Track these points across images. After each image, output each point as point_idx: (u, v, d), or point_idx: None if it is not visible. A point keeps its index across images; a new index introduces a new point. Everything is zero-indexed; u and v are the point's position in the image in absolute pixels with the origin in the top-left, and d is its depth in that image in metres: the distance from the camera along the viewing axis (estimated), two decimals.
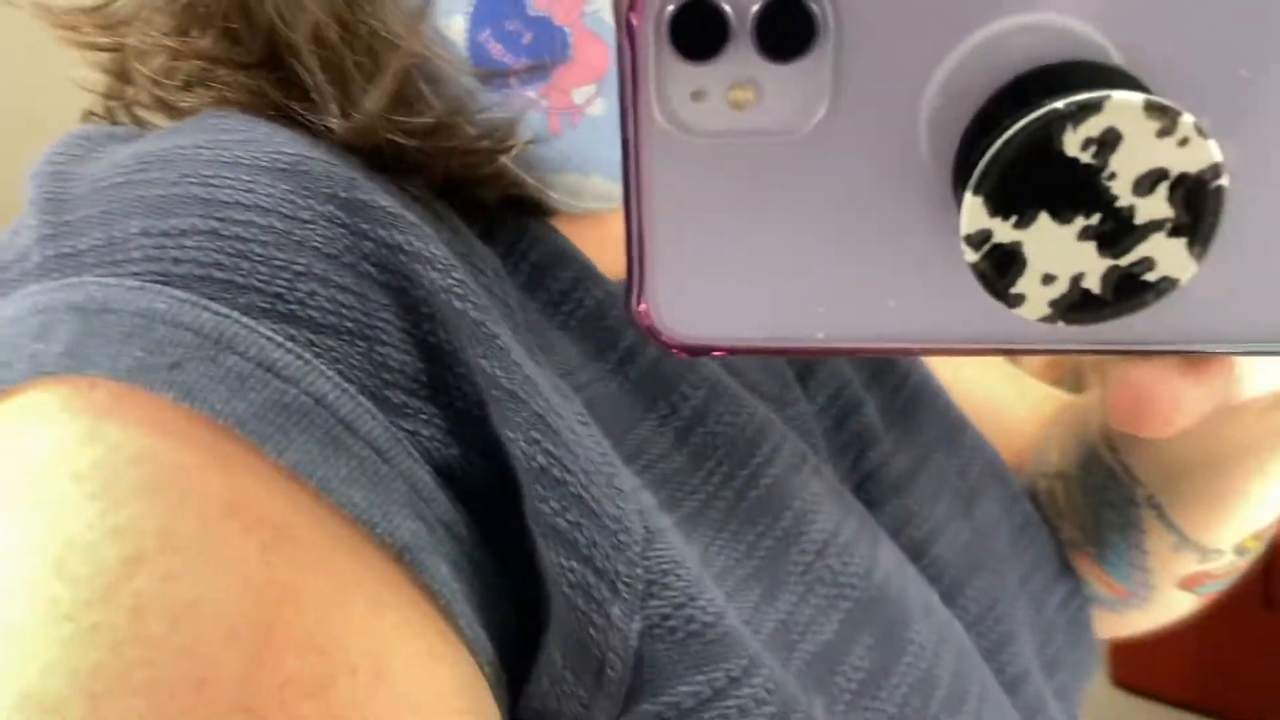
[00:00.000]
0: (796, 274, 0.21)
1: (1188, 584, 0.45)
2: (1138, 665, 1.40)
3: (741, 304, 0.21)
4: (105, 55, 0.34)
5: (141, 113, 0.34)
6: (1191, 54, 0.19)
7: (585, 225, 0.36)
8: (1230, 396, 0.26)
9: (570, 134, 0.34)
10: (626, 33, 0.19)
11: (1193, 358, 0.23)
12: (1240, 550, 0.43)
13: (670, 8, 0.19)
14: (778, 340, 0.22)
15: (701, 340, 0.22)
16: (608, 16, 0.33)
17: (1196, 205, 0.18)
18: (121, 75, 0.34)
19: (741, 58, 0.19)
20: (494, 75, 0.32)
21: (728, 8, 0.19)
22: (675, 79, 0.19)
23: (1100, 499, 0.45)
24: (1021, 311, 0.19)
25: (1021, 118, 0.18)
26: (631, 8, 0.19)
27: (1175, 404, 0.23)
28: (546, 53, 0.33)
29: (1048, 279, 0.19)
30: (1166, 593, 0.45)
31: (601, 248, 0.35)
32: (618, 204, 0.28)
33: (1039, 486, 0.48)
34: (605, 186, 0.35)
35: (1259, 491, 0.39)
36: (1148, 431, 0.24)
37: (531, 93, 0.33)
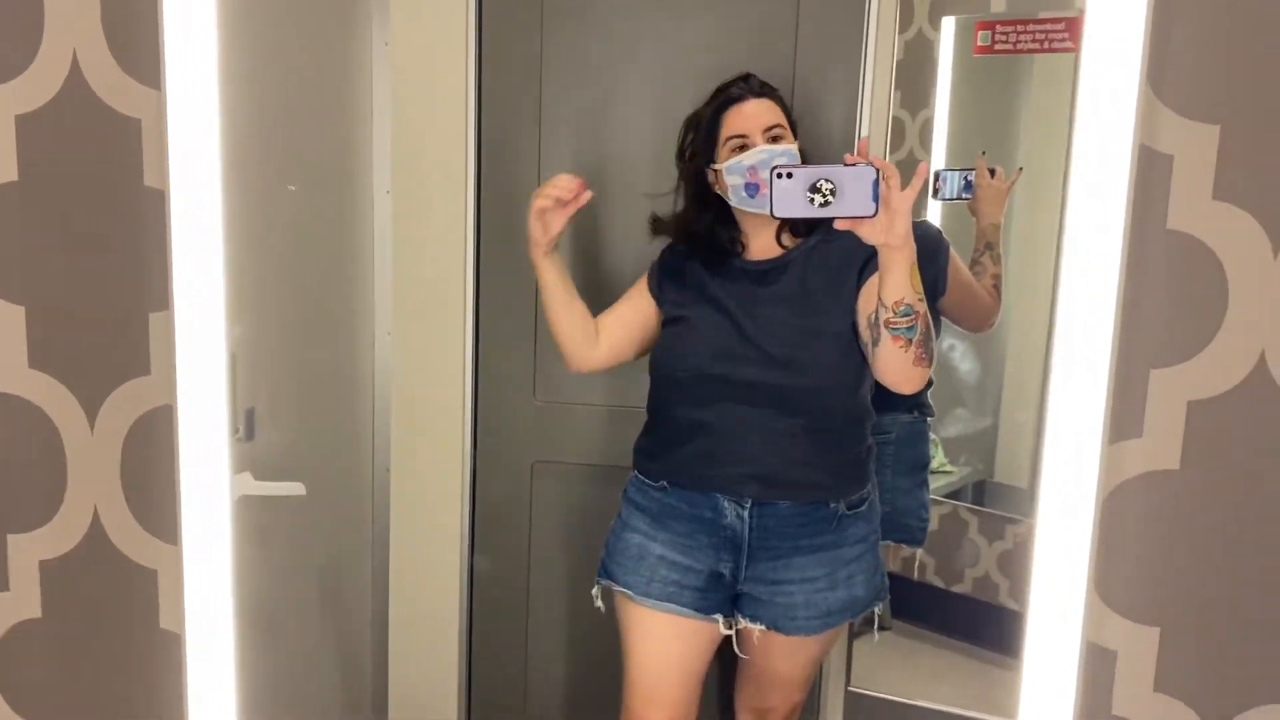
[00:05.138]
0: None
1: (886, 324, 1.41)
2: None
3: None
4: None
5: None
6: None
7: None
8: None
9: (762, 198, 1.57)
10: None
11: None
12: (896, 308, 1.38)
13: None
14: None
15: None
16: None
17: None
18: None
19: None
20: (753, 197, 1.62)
21: None
22: None
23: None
24: None
25: None
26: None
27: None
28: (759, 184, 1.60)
29: None
30: (885, 334, 1.42)
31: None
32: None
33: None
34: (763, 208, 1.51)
35: (889, 277, 1.37)
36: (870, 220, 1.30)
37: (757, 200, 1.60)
